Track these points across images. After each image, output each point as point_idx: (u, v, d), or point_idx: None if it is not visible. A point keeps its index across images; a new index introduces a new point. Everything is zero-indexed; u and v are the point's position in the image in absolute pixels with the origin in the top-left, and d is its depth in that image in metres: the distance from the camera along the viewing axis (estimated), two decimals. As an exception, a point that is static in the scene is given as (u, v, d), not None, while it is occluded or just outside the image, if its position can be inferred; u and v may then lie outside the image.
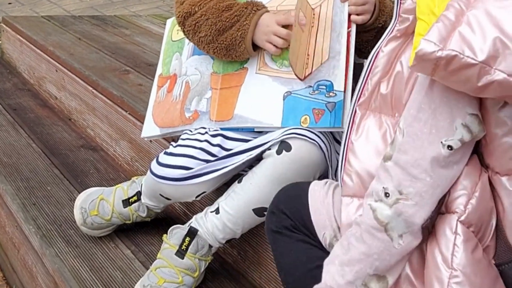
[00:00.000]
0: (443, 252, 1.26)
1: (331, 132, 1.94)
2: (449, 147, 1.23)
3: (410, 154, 1.25)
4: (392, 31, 1.40)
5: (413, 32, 1.31)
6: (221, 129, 1.99)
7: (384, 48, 1.40)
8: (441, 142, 1.23)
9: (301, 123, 1.87)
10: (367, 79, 1.43)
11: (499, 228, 1.31)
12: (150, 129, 2.22)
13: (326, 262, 1.38)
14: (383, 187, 1.28)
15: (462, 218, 1.27)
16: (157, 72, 2.27)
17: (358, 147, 1.43)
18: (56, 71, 3.61)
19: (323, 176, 1.92)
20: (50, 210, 2.54)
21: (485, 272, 1.27)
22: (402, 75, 1.36)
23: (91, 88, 3.23)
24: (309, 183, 1.63)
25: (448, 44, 1.13)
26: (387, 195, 1.27)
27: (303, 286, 1.45)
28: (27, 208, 2.54)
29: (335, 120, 1.84)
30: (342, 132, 1.95)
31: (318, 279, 1.39)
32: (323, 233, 1.52)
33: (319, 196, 1.55)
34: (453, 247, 1.26)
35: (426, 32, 1.16)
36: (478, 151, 1.31)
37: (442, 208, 1.29)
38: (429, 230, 1.30)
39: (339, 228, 1.48)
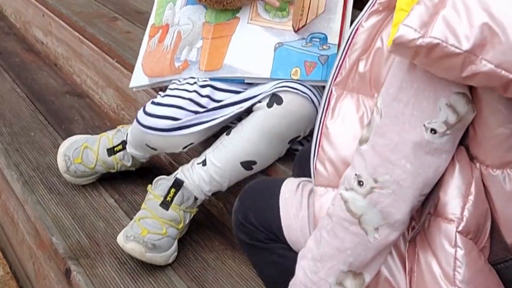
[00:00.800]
0: (444, 267, 1.14)
1: (323, 87, 1.89)
2: (433, 131, 1.09)
3: (389, 137, 1.11)
4: (374, 4, 1.24)
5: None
6: (210, 79, 1.94)
7: (364, 23, 1.24)
8: (424, 125, 1.09)
9: (292, 75, 1.83)
10: (345, 56, 1.28)
11: (493, 227, 1.19)
12: (138, 79, 2.17)
13: (300, 256, 1.26)
14: (356, 174, 1.15)
15: (460, 227, 1.14)
16: (149, 22, 2.20)
17: (333, 132, 1.28)
18: (43, 16, 3.52)
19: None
20: (33, 156, 2.49)
21: (489, 281, 1.17)
22: (382, 52, 1.21)
23: (78, 34, 3.16)
24: (278, 181, 1.46)
25: (430, 31, 1.00)
26: (361, 183, 1.14)
27: None
28: (10, 153, 2.50)
29: (327, 73, 1.80)
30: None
31: None
32: (298, 249, 1.34)
33: (291, 207, 1.39)
34: (454, 262, 1.13)
35: (406, 15, 1.02)
36: (463, 143, 1.17)
37: (430, 209, 1.16)
38: (416, 233, 1.17)
39: None
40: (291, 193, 1.41)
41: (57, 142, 2.59)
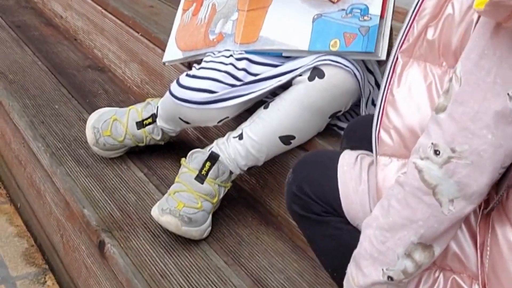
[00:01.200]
0: None
1: (363, 62, 1.86)
2: None
3: (469, 106, 1.06)
4: None
5: None
6: (246, 52, 1.92)
7: None
8: (508, 94, 1.04)
9: (330, 47, 1.79)
10: (412, 22, 1.22)
11: None
12: (172, 53, 2.15)
13: (365, 224, 1.21)
14: (432, 143, 1.10)
15: None
16: None
17: (399, 100, 1.23)
18: (63, -11, 3.50)
19: (355, 105, 1.86)
20: (58, 128, 2.47)
21: None
22: (453, 19, 1.17)
23: (100, 8, 3.13)
24: (335, 154, 1.42)
25: None
26: (437, 152, 1.09)
27: None
28: (35, 125, 2.47)
29: (368, 44, 1.76)
30: (375, 63, 1.91)
31: None
32: (357, 224, 1.35)
33: (350, 180, 1.36)
34: None
35: None
36: None
37: (510, 181, 1.11)
38: (493, 206, 1.13)
39: None
40: (349, 166, 1.37)
41: (82, 115, 2.57)
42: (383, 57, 1.78)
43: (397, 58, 1.25)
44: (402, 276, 1.18)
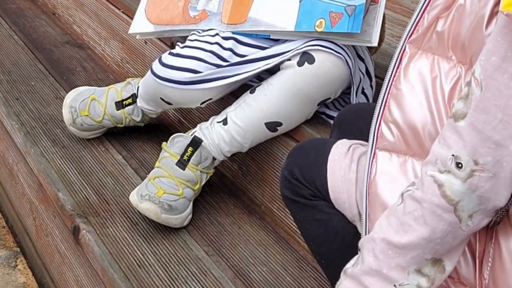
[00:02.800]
0: None
1: (354, 48, 1.79)
2: None
3: (492, 114, 0.97)
4: None
5: None
6: (233, 33, 1.84)
7: None
8: None
9: (316, 27, 1.72)
10: (423, 12, 1.16)
11: None
12: (140, 25, 2.04)
13: (367, 238, 1.12)
14: (453, 155, 1.01)
15: None
16: None
17: (402, 94, 1.16)
18: (41, -39, 3.38)
19: (343, 93, 1.79)
20: (34, 106, 2.37)
21: None
22: (464, 10, 1.10)
23: (80, -18, 3.02)
24: (330, 142, 1.37)
25: None
26: (460, 165, 1.00)
27: (341, 257, 1.24)
28: (9, 102, 2.38)
29: (354, 25, 1.67)
30: (364, 48, 1.84)
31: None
32: (342, 210, 1.32)
33: (340, 169, 1.30)
34: None
35: None
36: None
37: None
38: (499, 218, 1.06)
39: (359, 215, 1.26)
40: (340, 155, 1.31)
41: (59, 93, 2.48)
42: (375, 43, 1.71)
43: (404, 49, 1.18)
44: None
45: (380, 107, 1.20)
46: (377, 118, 1.20)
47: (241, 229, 1.84)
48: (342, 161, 1.30)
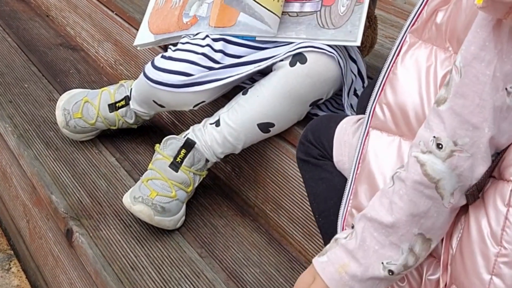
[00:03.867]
0: (492, 225, 1.08)
1: (346, 49, 1.79)
2: None
3: (469, 98, 1.05)
4: None
5: None
6: (221, 35, 1.84)
7: None
8: (506, 89, 1.03)
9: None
10: (425, 4, 1.23)
11: None
12: (144, 36, 2.07)
13: (360, 217, 1.19)
14: (434, 136, 1.08)
15: None
16: None
17: (397, 78, 1.24)
18: (35, -37, 3.38)
19: (336, 94, 1.79)
20: (27, 108, 2.37)
21: None
22: (461, 3, 1.16)
23: (73, -16, 3.02)
24: (345, 115, 1.47)
25: None
26: (440, 146, 1.07)
27: (336, 214, 1.31)
28: (3, 105, 2.37)
29: None
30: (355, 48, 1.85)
31: None
32: (341, 170, 1.40)
33: (344, 134, 1.39)
34: (504, 221, 1.07)
35: None
36: None
37: (494, 172, 1.12)
38: (475, 196, 1.12)
39: None
40: (348, 124, 1.40)
41: (52, 95, 2.47)
42: (358, 43, 1.71)
43: (405, 38, 1.24)
44: (402, 270, 1.15)
45: (378, 90, 1.26)
46: (374, 99, 1.27)
47: (234, 231, 1.85)
48: (349, 128, 1.38)
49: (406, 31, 1.25)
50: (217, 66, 1.80)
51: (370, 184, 1.25)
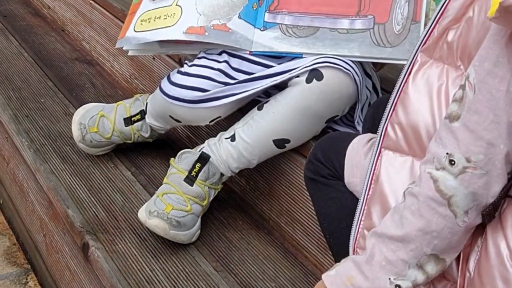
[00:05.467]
0: (511, 247, 1.08)
1: (361, 65, 1.79)
2: None
3: (484, 115, 1.05)
4: None
5: None
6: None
7: None
8: None
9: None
10: (436, 23, 1.23)
11: None
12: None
13: (372, 233, 1.19)
14: (447, 153, 1.08)
15: None
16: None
17: (409, 98, 1.24)
18: (51, -21, 3.41)
19: (351, 108, 1.79)
20: (44, 123, 2.39)
21: None
22: (472, 22, 1.16)
23: (89, -1, 3.05)
24: (355, 134, 1.47)
25: None
26: (453, 162, 1.07)
27: (348, 235, 1.30)
28: (19, 119, 2.39)
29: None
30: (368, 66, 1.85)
31: None
32: (354, 191, 1.39)
33: (356, 155, 1.38)
34: None
35: None
36: None
37: (510, 191, 1.11)
38: (492, 216, 1.11)
39: None
40: (359, 144, 1.40)
41: (68, 109, 2.49)
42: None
43: (416, 57, 1.24)
44: (411, 286, 1.15)
45: (389, 110, 1.26)
46: (386, 119, 1.27)
47: (249, 245, 1.85)
48: (360, 149, 1.38)
49: (417, 50, 1.25)
50: (232, 81, 1.80)
51: (382, 205, 1.25)
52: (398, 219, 1.14)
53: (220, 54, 1.85)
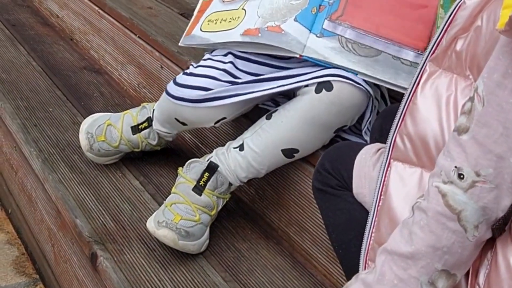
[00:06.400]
0: None
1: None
2: None
3: (493, 128, 1.03)
4: None
5: None
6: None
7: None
8: None
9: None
10: (444, 32, 1.21)
11: None
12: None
13: (381, 250, 1.17)
14: (456, 166, 1.06)
15: None
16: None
17: (417, 108, 1.22)
18: (59, -13, 3.42)
19: (360, 117, 1.78)
20: (52, 132, 2.39)
21: None
22: (480, 31, 1.14)
23: (97, 8, 3.05)
24: (362, 144, 1.45)
25: None
26: (461, 176, 1.05)
27: (358, 246, 1.29)
28: (28, 129, 2.39)
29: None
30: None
31: None
32: (362, 202, 1.38)
33: (364, 165, 1.36)
34: None
35: None
36: None
37: None
38: (501, 230, 1.09)
39: None
40: (368, 154, 1.38)
41: (76, 118, 2.49)
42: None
43: (425, 67, 1.23)
44: None
45: (398, 120, 1.25)
46: (394, 130, 1.25)
47: (258, 254, 1.84)
48: (369, 160, 1.36)
49: (425, 60, 1.23)
50: (238, 81, 1.80)
51: (391, 218, 1.23)
52: (407, 234, 1.12)
53: (225, 55, 1.84)
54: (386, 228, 1.23)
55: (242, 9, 1.86)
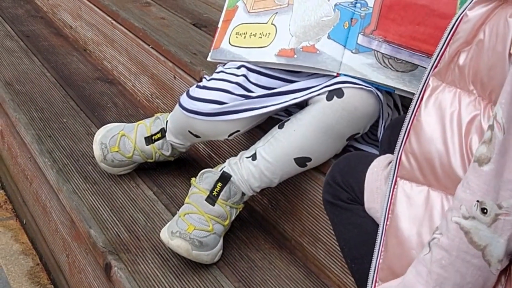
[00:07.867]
0: None
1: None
2: None
3: None
4: None
5: None
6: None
7: (469, 12, 1.15)
8: None
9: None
10: (446, 46, 1.19)
11: None
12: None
13: (395, 285, 1.15)
14: (478, 201, 1.03)
15: None
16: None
17: (421, 126, 1.20)
18: (73, -1, 3.44)
19: (373, 125, 1.78)
20: (66, 143, 2.40)
21: None
22: (483, 45, 1.13)
23: (110, 19, 3.07)
24: (372, 155, 1.45)
25: None
26: (485, 211, 1.02)
27: (371, 261, 1.27)
28: (42, 140, 2.41)
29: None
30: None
31: None
32: (373, 216, 1.37)
33: (376, 179, 1.35)
34: None
35: None
36: None
37: None
38: None
39: None
40: (379, 168, 1.37)
41: (90, 129, 2.50)
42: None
43: (428, 81, 1.21)
44: None
45: (403, 138, 1.23)
46: (400, 147, 1.24)
47: (271, 264, 1.84)
48: (380, 174, 1.35)
49: (428, 74, 1.21)
50: (251, 95, 1.80)
51: (398, 240, 1.21)
52: (425, 273, 1.09)
53: (238, 68, 1.85)
54: (394, 249, 1.21)
55: (272, 24, 1.85)
